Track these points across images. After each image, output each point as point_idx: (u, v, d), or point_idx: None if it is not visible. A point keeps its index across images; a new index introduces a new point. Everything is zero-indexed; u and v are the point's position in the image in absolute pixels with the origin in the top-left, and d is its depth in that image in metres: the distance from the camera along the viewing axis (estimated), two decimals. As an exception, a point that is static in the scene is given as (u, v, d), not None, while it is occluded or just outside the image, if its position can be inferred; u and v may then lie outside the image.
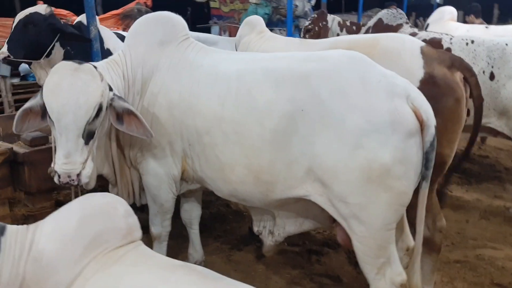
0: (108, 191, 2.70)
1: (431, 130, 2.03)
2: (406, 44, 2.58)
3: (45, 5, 3.54)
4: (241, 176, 2.27)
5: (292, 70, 2.19)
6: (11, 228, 1.56)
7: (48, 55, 3.58)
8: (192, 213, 2.99)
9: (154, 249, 2.76)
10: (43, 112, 2.14)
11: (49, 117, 2.07)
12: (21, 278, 1.49)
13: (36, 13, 3.43)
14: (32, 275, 1.50)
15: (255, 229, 2.67)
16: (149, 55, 2.46)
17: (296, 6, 8.60)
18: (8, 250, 1.50)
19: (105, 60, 2.47)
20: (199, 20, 10.49)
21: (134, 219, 1.81)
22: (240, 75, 2.29)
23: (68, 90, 2.01)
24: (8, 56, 3.50)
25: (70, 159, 2.03)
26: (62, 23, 3.71)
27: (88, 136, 2.09)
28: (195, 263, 3.03)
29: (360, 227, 2.10)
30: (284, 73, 2.19)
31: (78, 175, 2.06)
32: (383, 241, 2.11)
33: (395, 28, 4.29)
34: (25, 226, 1.65)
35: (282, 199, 2.27)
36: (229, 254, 3.35)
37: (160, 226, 2.71)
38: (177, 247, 3.24)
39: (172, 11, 2.66)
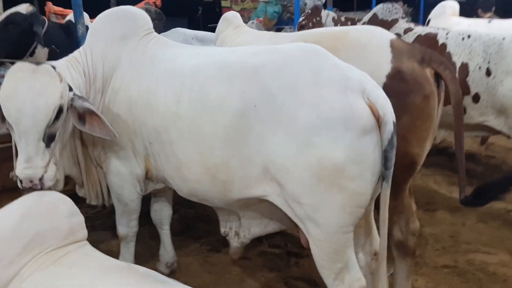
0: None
1: (389, 127, 1.90)
2: (375, 37, 2.44)
3: (27, 4, 3.55)
4: (198, 175, 2.20)
5: (244, 64, 2.10)
6: None
7: (31, 54, 3.59)
8: (162, 213, 2.93)
9: (122, 249, 2.72)
10: (2, 115, 2.05)
11: (8, 121, 2.00)
12: None
13: (17, 13, 3.45)
14: None
15: (222, 230, 2.59)
16: (110, 51, 2.41)
17: (305, 4, 8.46)
18: None
19: (65, 58, 2.42)
20: (210, 20, 10.46)
21: (78, 219, 1.78)
22: (195, 70, 2.21)
23: (25, 93, 1.94)
24: None
25: (31, 163, 1.96)
26: (43, 21, 3.70)
27: (49, 138, 2.03)
28: (165, 264, 2.98)
29: (315, 229, 1.99)
30: (236, 67, 2.10)
31: (41, 179, 1.98)
32: (339, 245, 2.00)
33: (390, 24, 4.12)
34: None
35: (241, 199, 2.18)
36: (207, 256, 3.28)
37: (127, 227, 2.66)
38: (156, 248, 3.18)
39: (182, 10, 2.61)
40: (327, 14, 4.62)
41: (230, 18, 3.34)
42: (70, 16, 3.99)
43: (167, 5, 8.30)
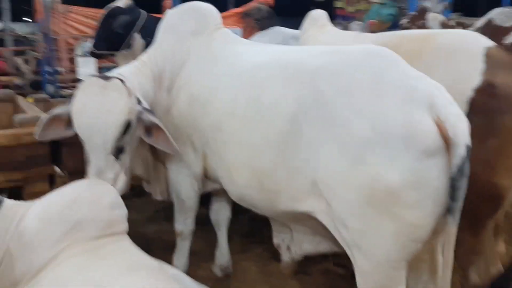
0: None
1: (460, 151, 1.57)
2: (467, 42, 2.07)
3: (126, -1, 3.73)
4: (246, 180, 2.08)
5: (302, 65, 1.92)
6: (7, 202, 1.63)
7: (129, 46, 3.77)
8: (220, 214, 2.86)
9: (177, 245, 2.70)
10: (68, 122, 2.11)
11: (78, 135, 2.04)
12: (4, 250, 1.54)
13: (116, 7, 3.64)
14: (14, 250, 1.54)
15: (275, 241, 2.44)
16: (179, 48, 2.39)
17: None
18: None
19: (134, 62, 2.43)
20: (323, 21, 10.27)
21: (120, 212, 1.78)
22: (255, 69, 2.09)
23: (95, 110, 1.97)
24: (93, 50, 3.79)
25: (101, 176, 2.00)
26: (142, 14, 3.84)
27: (118, 151, 2.04)
28: (220, 267, 2.91)
29: (361, 258, 1.75)
30: (294, 68, 1.93)
31: None
32: (387, 281, 1.73)
33: (506, 31, 3.57)
34: (22, 202, 1.72)
35: (289, 212, 2.01)
36: (267, 264, 3.13)
37: (183, 224, 2.63)
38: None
39: (295, 10, 2.56)
40: (435, 17, 4.16)
41: (316, 17, 3.16)
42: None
43: (280, 4, 8.31)
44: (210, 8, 2.51)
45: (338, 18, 10.75)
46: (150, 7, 4.51)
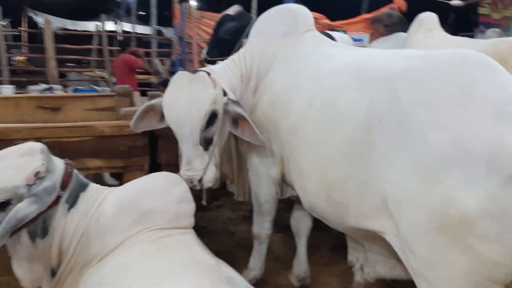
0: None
1: None
2: None
3: (236, 6, 3.85)
4: (315, 188, 1.97)
5: (382, 70, 1.75)
6: (92, 186, 1.77)
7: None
8: (301, 222, 2.76)
9: (254, 248, 2.69)
10: (162, 114, 2.19)
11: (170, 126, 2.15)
12: (83, 230, 1.67)
13: (225, 15, 3.78)
14: (92, 230, 1.67)
15: (349, 258, 2.29)
16: (267, 50, 2.38)
17: None
18: (82, 204, 1.68)
19: (226, 60, 2.49)
20: (463, 28, 9.42)
21: (187, 206, 1.81)
22: (334, 72, 1.98)
23: (182, 102, 2.06)
24: (206, 57, 3.99)
25: (191, 166, 2.08)
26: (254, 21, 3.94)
27: (207, 142, 2.10)
28: (296, 277, 2.81)
29: (428, 291, 1.53)
30: (372, 73, 1.78)
31: (200, 180, 2.09)
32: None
33: None
34: (105, 187, 1.87)
35: (358, 229, 1.86)
36: (350, 281, 2.93)
37: (260, 227, 2.61)
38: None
39: None
40: None
41: (423, 20, 2.89)
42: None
43: (414, 10, 7.85)
44: (303, 10, 2.44)
45: (481, 25, 9.77)
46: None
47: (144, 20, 15.34)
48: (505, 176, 1.33)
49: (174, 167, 2.88)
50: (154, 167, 3.06)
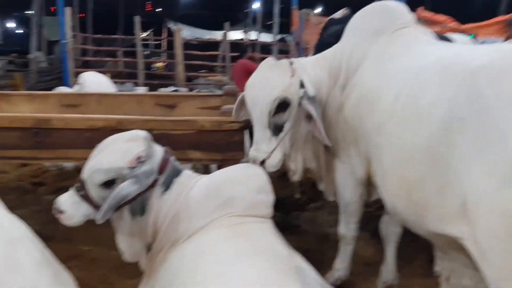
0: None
1: None
2: None
3: (345, 9, 3.80)
4: (395, 189, 1.91)
5: (466, 64, 1.63)
6: (185, 173, 1.94)
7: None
8: (390, 227, 2.64)
9: (339, 249, 2.66)
10: None
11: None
12: (174, 212, 1.84)
13: (330, 19, 3.77)
14: (181, 212, 1.83)
15: (436, 268, 2.15)
16: (358, 47, 2.35)
17: None
18: (175, 188, 1.86)
19: (318, 55, 2.52)
20: None
21: (265, 197, 1.87)
22: (420, 69, 1.90)
23: (258, 85, 2.21)
24: None
25: (257, 147, 2.22)
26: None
27: (276, 128, 2.20)
28: (384, 284, 2.71)
29: (503, 306, 1.39)
30: (456, 68, 1.67)
31: (262, 163, 2.21)
32: None
33: None
34: (197, 174, 2.04)
35: (438, 234, 1.75)
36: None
37: (345, 228, 2.58)
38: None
39: None
40: None
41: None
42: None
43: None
44: (399, 6, 2.36)
45: None
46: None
47: (269, 28, 15.99)
48: None
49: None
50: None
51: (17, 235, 1.53)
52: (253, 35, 15.86)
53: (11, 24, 30.26)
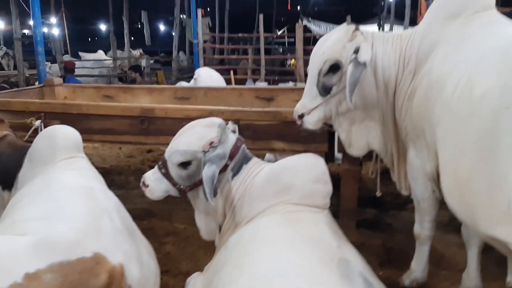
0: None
1: None
2: None
3: None
4: (450, 186, 1.78)
5: None
6: (254, 160, 2.08)
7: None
8: (471, 230, 2.40)
9: (416, 249, 2.52)
10: None
11: None
12: (240, 196, 1.99)
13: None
14: (245, 197, 1.98)
15: (508, 279, 1.93)
16: (430, 31, 2.18)
17: None
18: (243, 174, 2.02)
19: (393, 33, 2.41)
20: None
21: (323, 187, 1.91)
22: (485, 54, 1.73)
23: (319, 44, 2.32)
24: None
25: (302, 101, 2.34)
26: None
27: (324, 88, 2.26)
28: (465, 289, 2.47)
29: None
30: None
31: (301, 116, 2.32)
32: None
33: None
34: (264, 161, 2.14)
35: (491, 236, 1.60)
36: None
37: (420, 226, 2.44)
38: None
39: None
40: None
41: None
42: None
43: None
44: None
45: None
46: None
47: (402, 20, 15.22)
48: None
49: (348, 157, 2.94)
50: (331, 156, 3.20)
51: (105, 207, 1.83)
52: (386, 28, 15.25)
53: (161, 27, 33.89)
